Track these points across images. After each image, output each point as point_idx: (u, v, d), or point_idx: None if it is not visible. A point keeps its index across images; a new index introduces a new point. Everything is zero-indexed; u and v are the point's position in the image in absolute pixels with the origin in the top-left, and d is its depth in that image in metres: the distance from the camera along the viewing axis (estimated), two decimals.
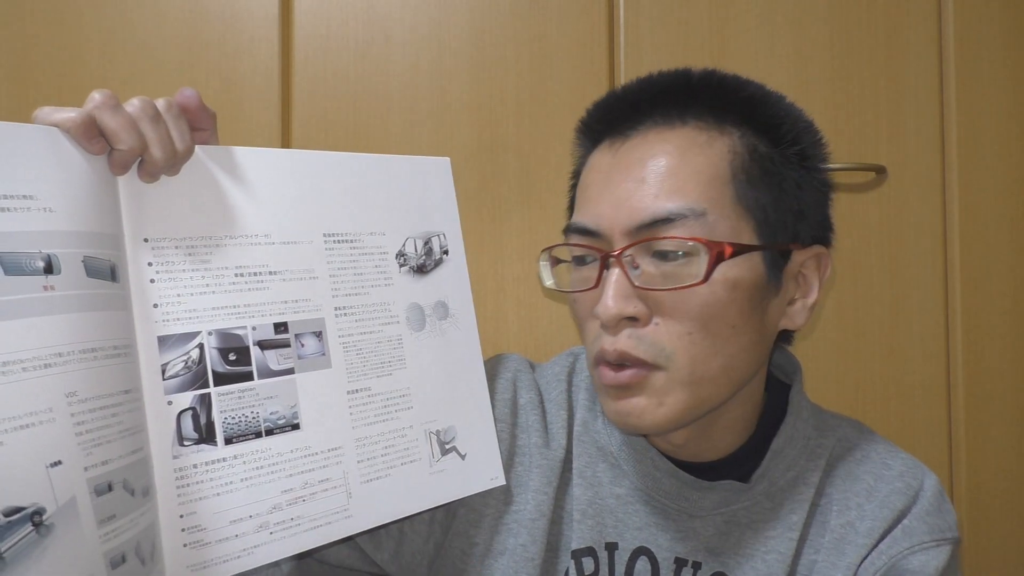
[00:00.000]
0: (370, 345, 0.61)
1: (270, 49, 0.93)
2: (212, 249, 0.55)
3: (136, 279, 0.52)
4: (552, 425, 0.70)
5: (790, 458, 0.66)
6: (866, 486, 0.65)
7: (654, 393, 0.59)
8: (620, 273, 0.58)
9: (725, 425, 0.65)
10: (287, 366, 0.57)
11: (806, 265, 0.63)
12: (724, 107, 0.61)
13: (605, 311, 0.58)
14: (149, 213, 0.53)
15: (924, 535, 0.62)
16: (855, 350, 0.98)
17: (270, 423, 0.56)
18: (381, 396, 0.61)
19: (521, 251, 0.96)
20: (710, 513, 0.65)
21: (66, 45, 0.92)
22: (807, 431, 0.67)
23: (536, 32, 0.96)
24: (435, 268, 0.66)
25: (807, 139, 0.63)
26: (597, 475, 0.68)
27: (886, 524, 0.62)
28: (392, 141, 0.95)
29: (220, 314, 0.54)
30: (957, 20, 0.98)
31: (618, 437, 0.68)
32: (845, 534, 0.63)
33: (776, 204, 0.60)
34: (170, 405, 0.52)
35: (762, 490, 0.65)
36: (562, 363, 0.75)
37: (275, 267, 0.57)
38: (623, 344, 0.58)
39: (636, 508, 0.67)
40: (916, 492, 0.64)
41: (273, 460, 0.56)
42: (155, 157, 0.50)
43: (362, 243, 0.62)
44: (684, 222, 0.57)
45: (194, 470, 0.52)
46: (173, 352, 0.53)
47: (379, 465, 0.60)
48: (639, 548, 0.66)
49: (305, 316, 0.58)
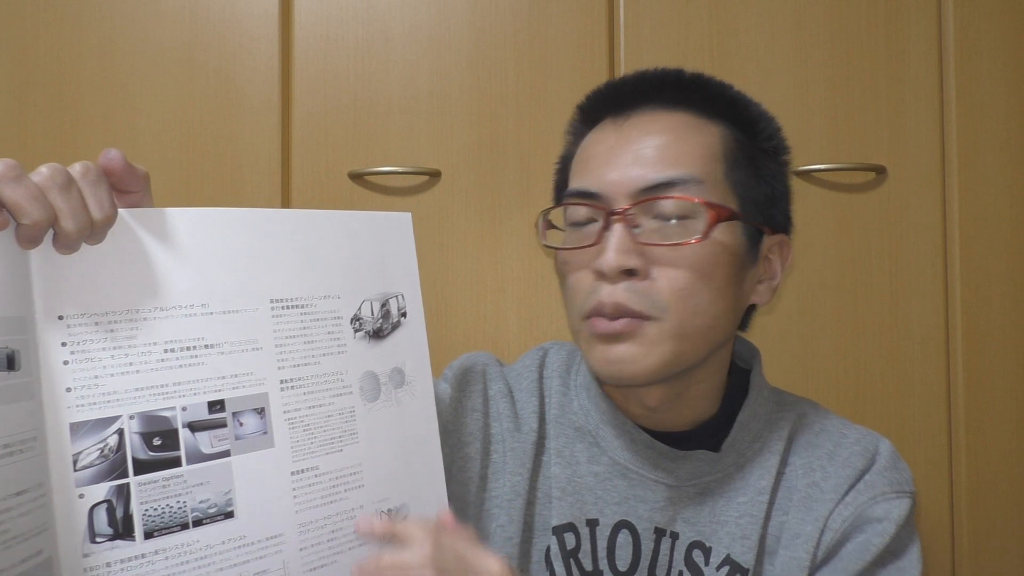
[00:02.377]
0: (319, 420, 0.57)
1: (270, 49, 0.93)
2: (138, 324, 0.50)
3: (47, 362, 0.47)
4: (522, 412, 0.74)
5: (755, 431, 0.70)
6: (827, 451, 0.70)
7: (645, 342, 0.62)
8: (623, 229, 0.62)
9: (696, 393, 0.69)
10: (221, 448, 0.52)
11: (772, 250, 0.70)
12: (711, 102, 0.68)
13: (607, 262, 0.61)
14: (65, 288, 0.48)
15: (885, 487, 0.66)
16: (855, 350, 0.98)
17: (199, 512, 0.51)
18: (329, 475, 0.57)
19: (521, 251, 0.96)
20: (684, 483, 0.69)
21: (66, 45, 0.92)
22: (769, 407, 0.72)
23: (536, 32, 0.96)
24: (392, 332, 0.62)
25: (779, 139, 0.71)
26: (575, 455, 0.72)
27: (850, 481, 0.67)
28: (392, 141, 0.95)
29: (144, 395, 0.50)
30: (957, 20, 0.98)
31: (595, 416, 0.72)
32: (811, 493, 0.67)
33: (754, 186, 0.67)
34: (81, 499, 0.47)
35: (731, 461, 0.69)
36: (532, 357, 0.78)
37: (212, 340, 0.53)
38: (620, 296, 0.62)
39: (615, 483, 0.70)
40: (873, 454, 0.69)
41: (201, 553, 0.51)
42: (66, 229, 0.46)
43: (314, 308, 0.57)
44: (685, 187, 0.63)
45: (107, 569, 0.48)
46: (87, 440, 0.48)
47: (324, 552, 0.56)
48: (620, 522, 0.69)
49: (245, 392, 0.54)
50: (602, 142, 0.68)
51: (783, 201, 0.71)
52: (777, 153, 0.70)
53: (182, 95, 0.93)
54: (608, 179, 0.64)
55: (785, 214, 0.71)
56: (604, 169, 0.65)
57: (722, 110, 0.68)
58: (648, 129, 0.66)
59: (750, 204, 0.66)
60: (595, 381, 0.73)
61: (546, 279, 0.96)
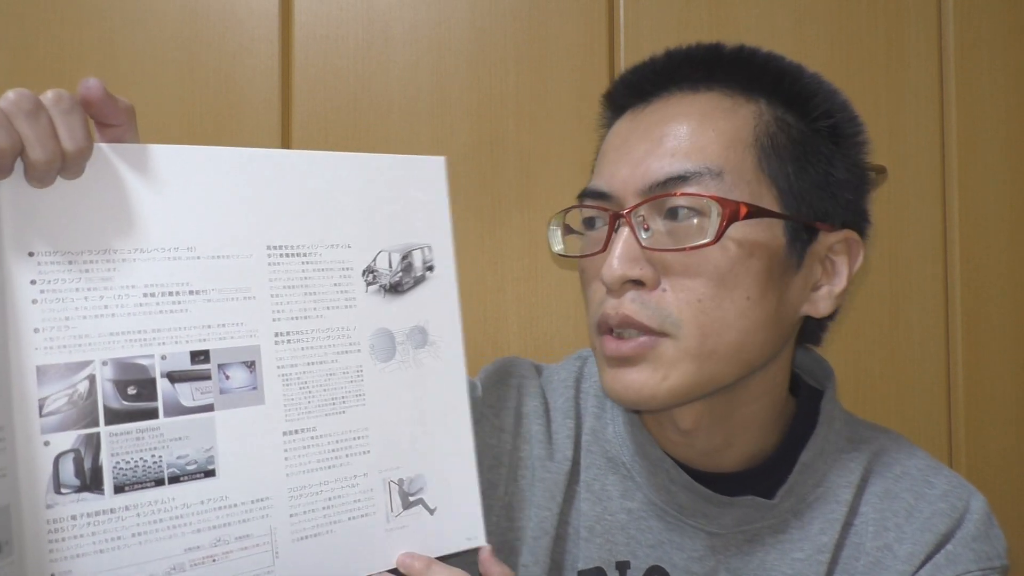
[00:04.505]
0: (319, 378, 0.53)
1: (270, 49, 0.93)
2: (115, 265, 0.47)
3: (13, 300, 0.44)
4: (557, 435, 0.66)
5: (820, 472, 0.61)
6: (905, 505, 0.59)
7: (660, 364, 0.55)
8: (628, 233, 0.55)
9: (743, 421, 0.60)
10: (204, 402, 0.49)
11: (834, 249, 0.59)
12: (752, 76, 0.59)
13: (609, 272, 0.54)
14: (38, 223, 0.45)
15: (970, 563, 0.56)
16: (855, 350, 0.97)
17: (176, 469, 0.48)
18: (329, 438, 0.53)
19: (521, 251, 0.96)
20: (730, 531, 0.60)
21: (66, 45, 0.92)
22: (839, 443, 0.62)
23: (536, 32, 0.96)
24: (414, 287, 0.57)
25: (841, 115, 0.60)
26: (606, 488, 0.63)
27: (928, 548, 0.57)
28: (392, 141, 0.95)
29: (119, 340, 0.46)
30: (957, 20, 0.98)
31: (630, 447, 0.64)
32: (882, 558, 0.58)
33: (801, 175, 0.57)
34: (47, 446, 0.44)
35: (788, 507, 0.60)
36: (570, 368, 0.70)
37: (198, 286, 0.49)
38: (627, 308, 0.55)
39: (649, 524, 0.62)
40: (962, 514, 0.58)
41: (176, 512, 0.48)
42: (33, 158, 0.42)
43: (317, 257, 0.53)
44: (699, 180, 0.54)
45: (72, 522, 0.45)
46: (55, 385, 0.45)
47: (318, 519, 0.52)
48: (653, 567, 0.61)
49: (234, 343, 0.50)
50: (617, 135, 0.60)
51: (847, 190, 0.59)
52: (837, 135, 0.59)
53: (182, 95, 0.93)
54: (618, 176, 0.57)
55: (852, 206, 0.60)
56: (615, 165, 0.58)
57: (766, 83, 0.58)
58: (667, 116, 0.58)
59: (795, 195, 0.57)
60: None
61: (546, 279, 0.96)
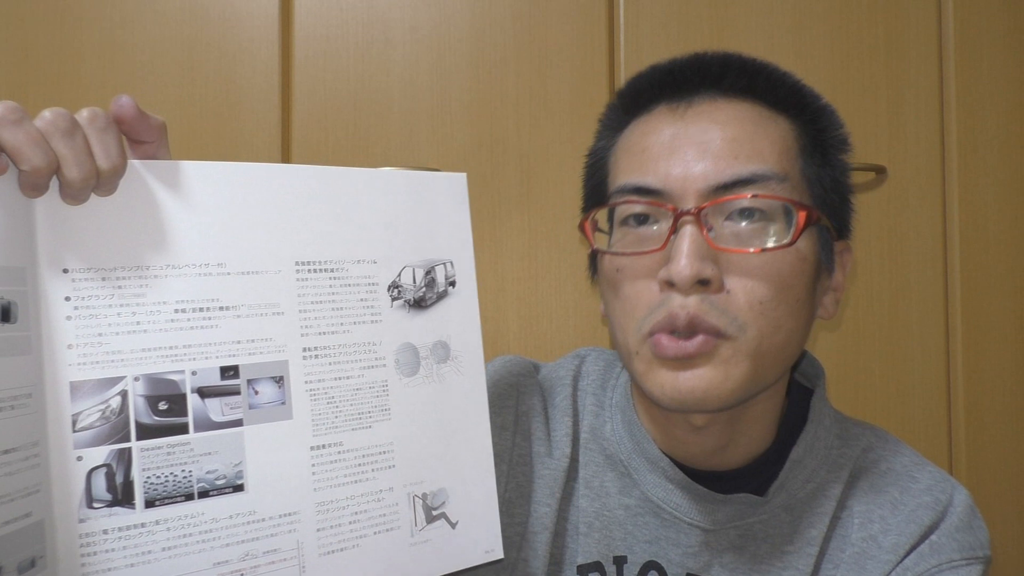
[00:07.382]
0: (346, 393, 0.53)
1: (270, 49, 0.93)
2: (147, 281, 0.48)
3: (48, 317, 0.45)
4: (555, 432, 0.67)
5: (810, 469, 0.62)
6: (891, 499, 0.61)
7: (721, 364, 0.54)
8: (697, 232, 0.54)
9: (750, 418, 0.61)
10: (233, 417, 0.49)
11: (841, 255, 0.62)
12: (777, 92, 0.60)
13: (680, 272, 0.53)
14: (72, 240, 0.46)
15: (954, 552, 0.57)
16: (855, 350, 0.97)
17: (206, 483, 0.48)
18: (355, 453, 0.53)
19: (521, 251, 0.96)
20: (724, 527, 0.62)
21: (66, 45, 0.92)
22: (829, 440, 0.64)
23: (536, 32, 0.96)
24: (437, 302, 0.57)
25: (843, 133, 0.63)
26: (605, 485, 0.65)
27: (912, 539, 0.58)
28: (392, 141, 0.95)
29: (151, 356, 0.47)
30: (957, 20, 0.98)
31: (628, 445, 0.65)
32: (867, 548, 0.59)
33: (828, 187, 0.59)
34: (79, 461, 0.45)
35: (780, 503, 0.61)
36: (568, 366, 0.71)
37: (228, 302, 0.50)
38: (697, 308, 0.54)
39: (646, 520, 0.64)
40: (945, 507, 0.60)
41: (206, 527, 0.48)
42: (70, 177, 0.43)
43: (345, 272, 0.54)
44: (767, 184, 0.55)
45: (104, 536, 0.45)
46: (88, 400, 0.46)
47: (345, 534, 0.52)
48: (649, 562, 0.63)
49: (263, 358, 0.50)
50: (658, 132, 0.59)
51: (849, 200, 0.63)
52: (843, 149, 0.62)
53: (182, 95, 0.93)
54: (672, 174, 0.56)
55: (849, 216, 0.64)
56: (666, 163, 0.57)
57: (789, 101, 0.60)
58: (721, 118, 0.57)
59: (826, 205, 0.59)
60: (630, 403, 0.66)
61: (546, 279, 0.96)
